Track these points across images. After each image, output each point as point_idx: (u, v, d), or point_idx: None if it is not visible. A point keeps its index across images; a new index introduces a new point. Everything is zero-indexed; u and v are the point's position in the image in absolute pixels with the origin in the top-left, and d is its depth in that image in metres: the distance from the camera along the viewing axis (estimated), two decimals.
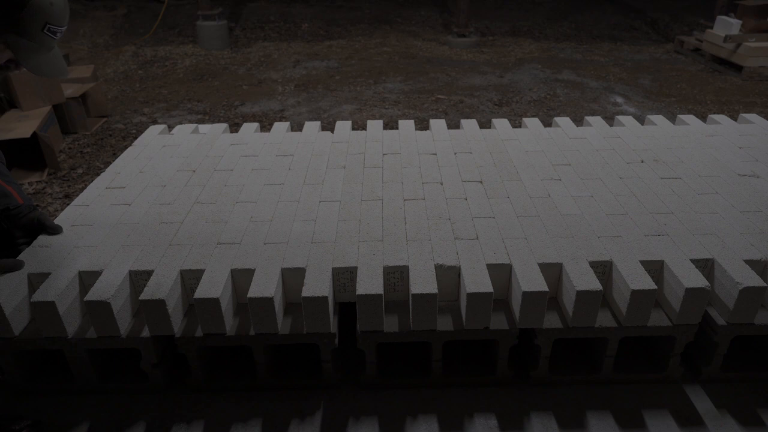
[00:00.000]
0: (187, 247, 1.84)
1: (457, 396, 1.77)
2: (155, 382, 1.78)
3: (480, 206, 2.05)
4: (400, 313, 1.74)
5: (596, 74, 5.98)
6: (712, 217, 1.96)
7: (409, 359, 1.88)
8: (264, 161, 2.46)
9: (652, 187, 2.17)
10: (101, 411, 1.74)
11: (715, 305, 1.74)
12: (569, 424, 1.67)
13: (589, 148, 2.54)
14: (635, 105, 5.01)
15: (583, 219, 1.96)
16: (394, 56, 6.77)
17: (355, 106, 4.97)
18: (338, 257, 1.76)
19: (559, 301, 1.75)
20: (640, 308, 1.63)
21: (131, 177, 2.34)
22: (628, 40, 7.67)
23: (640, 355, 1.87)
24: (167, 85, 5.63)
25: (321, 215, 2.01)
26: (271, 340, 1.68)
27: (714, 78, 5.87)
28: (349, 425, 1.68)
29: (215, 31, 7.01)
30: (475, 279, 1.64)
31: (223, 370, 1.85)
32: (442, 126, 2.84)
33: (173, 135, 2.81)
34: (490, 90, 5.43)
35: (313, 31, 7.92)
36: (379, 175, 2.31)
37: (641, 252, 1.76)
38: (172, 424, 1.69)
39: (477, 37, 7.38)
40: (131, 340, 1.67)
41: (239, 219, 2.00)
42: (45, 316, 1.61)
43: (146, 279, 1.71)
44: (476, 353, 1.90)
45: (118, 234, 1.92)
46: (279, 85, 5.64)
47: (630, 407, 1.72)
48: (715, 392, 1.77)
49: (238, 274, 1.73)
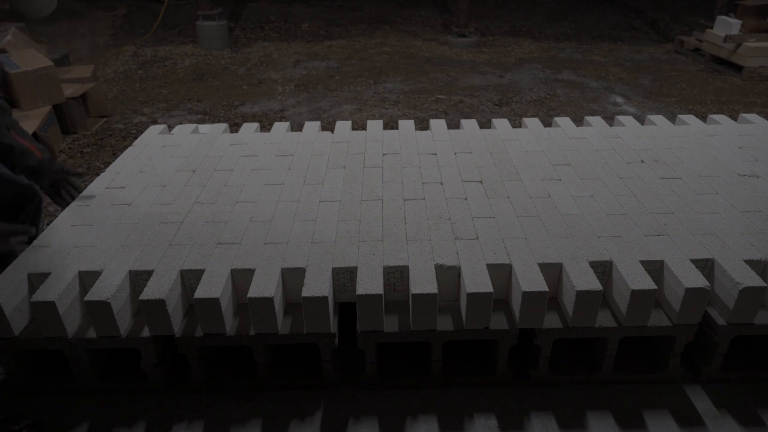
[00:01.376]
0: (187, 247, 1.84)
1: (457, 396, 1.77)
2: (155, 382, 1.78)
3: (480, 206, 2.05)
4: (400, 313, 1.74)
5: (596, 74, 5.98)
6: (712, 217, 1.96)
7: (409, 359, 1.88)
8: (264, 161, 2.46)
9: (652, 187, 2.17)
10: (101, 411, 1.74)
11: (715, 305, 1.74)
12: (569, 424, 1.67)
13: (589, 148, 2.54)
14: (635, 105, 5.01)
15: (583, 219, 1.96)
16: (394, 56, 6.77)
17: (355, 106, 4.97)
18: (338, 257, 1.76)
19: (559, 301, 1.75)
20: (640, 308, 1.63)
21: (131, 177, 2.34)
22: (628, 40, 7.67)
23: (640, 355, 1.87)
24: (167, 85, 5.63)
25: (321, 215, 2.01)
26: (271, 340, 1.68)
27: (714, 78, 5.87)
28: (349, 425, 1.68)
29: (215, 31, 7.01)
30: (475, 279, 1.64)
31: (223, 370, 1.85)
32: (442, 126, 2.84)
33: (173, 135, 2.80)
34: (490, 90, 5.43)
35: (313, 31, 7.92)
36: (379, 175, 2.31)
37: (641, 252, 1.76)
38: (172, 424, 1.69)
39: (477, 37, 7.38)
40: (131, 340, 1.67)
41: (239, 219, 2.00)
42: (45, 316, 1.61)
43: (146, 279, 1.71)
44: (476, 353, 1.90)
45: (118, 234, 1.92)
46: (279, 85, 5.64)
47: (630, 407, 1.72)
48: (715, 392, 1.77)
49: (238, 274, 1.73)
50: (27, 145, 1.97)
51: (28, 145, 1.97)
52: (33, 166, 2.01)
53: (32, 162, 1.99)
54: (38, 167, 2.02)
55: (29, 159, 1.98)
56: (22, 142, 1.97)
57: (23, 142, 1.97)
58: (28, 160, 1.98)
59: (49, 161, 2.02)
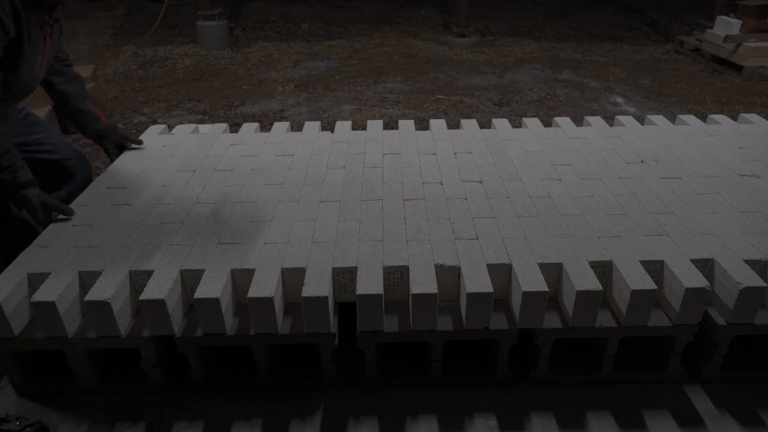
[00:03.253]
0: (187, 247, 1.84)
1: (457, 396, 1.77)
2: (155, 382, 1.78)
3: (480, 206, 2.05)
4: (400, 313, 1.74)
5: (596, 74, 5.98)
6: (712, 217, 1.96)
7: (409, 359, 1.88)
8: (264, 161, 2.46)
9: (652, 187, 2.17)
10: (101, 411, 1.74)
11: (715, 305, 1.74)
12: (569, 424, 1.67)
13: (589, 148, 2.54)
14: (635, 105, 5.01)
15: (583, 219, 1.96)
16: (394, 56, 6.77)
17: (355, 106, 4.97)
18: (338, 257, 1.76)
19: (559, 301, 1.75)
20: (640, 308, 1.63)
21: (131, 177, 2.34)
22: (628, 40, 7.67)
23: (640, 355, 1.87)
24: (167, 85, 5.63)
25: (321, 215, 2.01)
26: (271, 340, 1.68)
27: (714, 78, 5.87)
28: (349, 425, 1.68)
29: (215, 31, 7.01)
30: (475, 279, 1.64)
31: (223, 370, 1.85)
32: (442, 126, 2.84)
33: (173, 135, 2.80)
34: (490, 90, 5.43)
35: (313, 31, 7.92)
36: (379, 175, 2.31)
37: (641, 252, 1.76)
38: (172, 424, 1.69)
39: (477, 37, 7.38)
40: (131, 340, 1.67)
41: (239, 219, 2.00)
42: (45, 316, 1.61)
43: (146, 279, 1.71)
44: (476, 353, 1.90)
45: (118, 234, 1.92)
46: (279, 85, 5.64)
47: (630, 407, 1.72)
48: (715, 392, 1.77)
49: (238, 274, 1.73)
50: (97, 111, 2.39)
51: (97, 112, 2.39)
52: (101, 130, 2.42)
53: (100, 126, 2.41)
54: (104, 131, 2.44)
55: (98, 124, 2.40)
56: (94, 109, 2.38)
57: (95, 110, 2.38)
58: (98, 125, 2.40)
59: (113, 127, 2.47)
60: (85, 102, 2.35)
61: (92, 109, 2.37)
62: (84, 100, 2.35)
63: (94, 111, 2.37)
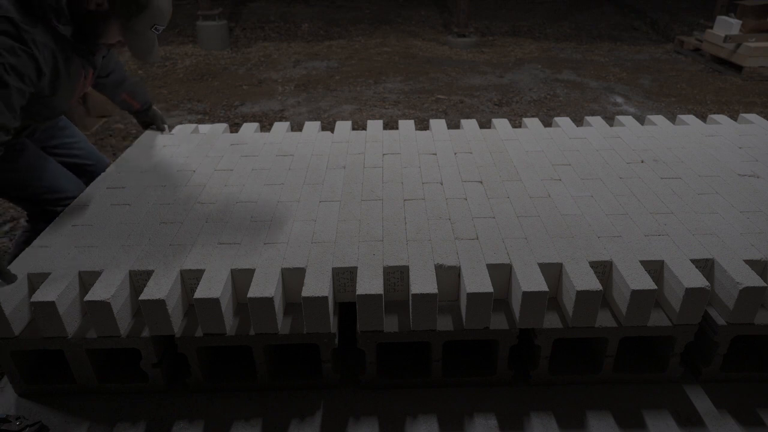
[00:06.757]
0: (187, 247, 1.84)
1: (457, 396, 1.77)
2: (155, 382, 1.78)
3: (480, 206, 2.05)
4: (400, 313, 1.74)
5: (596, 74, 5.98)
6: (712, 217, 1.96)
7: (409, 359, 1.88)
8: (264, 161, 2.46)
9: (652, 187, 2.17)
10: (101, 411, 1.74)
11: (715, 305, 1.74)
12: (569, 424, 1.67)
13: (589, 148, 2.54)
14: (635, 105, 5.01)
15: (583, 219, 1.96)
16: (394, 56, 6.77)
17: (355, 106, 4.97)
18: (338, 257, 1.76)
19: (559, 301, 1.75)
20: (640, 308, 1.63)
21: (131, 177, 2.34)
22: (628, 40, 7.67)
23: (640, 355, 1.87)
24: (167, 85, 5.63)
25: (321, 215, 2.01)
26: (271, 340, 1.68)
27: (714, 78, 5.87)
28: (349, 425, 1.68)
29: (215, 31, 7.01)
30: (475, 279, 1.64)
31: (223, 370, 1.85)
32: (442, 126, 2.84)
33: (173, 135, 2.81)
34: (490, 90, 5.43)
35: (313, 31, 7.92)
36: (379, 175, 2.31)
37: (641, 252, 1.76)
38: (172, 424, 1.69)
39: (477, 37, 7.38)
40: (131, 340, 1.67)
41: (239, 219, 2.00)
42: (45, 316, 1.61)
43: (146, 279, 1.71)
44: (476, 353, 1.90)
45: (118, 234, 1.92)
46: (279, 85, 5.64)
47: (630, 407, 1.72)
48: (715, 392, 1.77)
49: (238, 274, 1.73)
50: (131, 102, 2.63)
51: (131, 102, 2.63)
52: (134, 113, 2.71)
53: (132, 108, 2.67)
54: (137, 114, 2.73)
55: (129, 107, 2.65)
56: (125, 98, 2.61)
57: (129, 100, 2.62)
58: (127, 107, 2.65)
59: (147, 108, 2.71)
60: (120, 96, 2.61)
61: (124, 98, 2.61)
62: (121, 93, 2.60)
63: (124, 101, 2.61)
